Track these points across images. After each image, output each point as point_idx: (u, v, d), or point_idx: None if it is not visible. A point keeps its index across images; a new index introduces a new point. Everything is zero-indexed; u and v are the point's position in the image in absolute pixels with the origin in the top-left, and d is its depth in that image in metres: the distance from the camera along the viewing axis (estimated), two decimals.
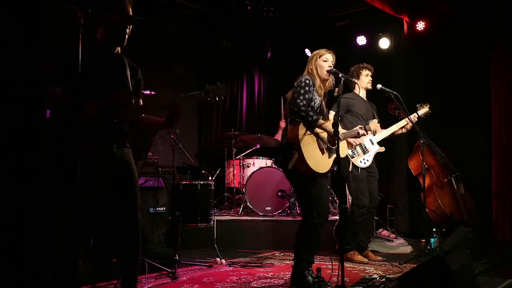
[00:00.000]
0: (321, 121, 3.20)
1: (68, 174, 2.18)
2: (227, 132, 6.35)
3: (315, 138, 3.22)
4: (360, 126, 3.62)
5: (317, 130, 3.23)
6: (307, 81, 3.22)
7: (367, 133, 3.65)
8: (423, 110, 4.47)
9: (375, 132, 4.41)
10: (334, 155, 3.26)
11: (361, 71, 4.50)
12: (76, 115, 2.12)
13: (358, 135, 3.56)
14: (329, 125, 3.21)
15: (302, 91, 3.19)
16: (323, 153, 3.23)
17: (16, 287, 2.81)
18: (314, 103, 3.24)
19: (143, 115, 2.59)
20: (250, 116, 8.01)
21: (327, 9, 6.84)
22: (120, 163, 2.42)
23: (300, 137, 3.15)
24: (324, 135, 3.25)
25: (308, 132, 3.20)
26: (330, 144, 3.27)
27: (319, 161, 3.20)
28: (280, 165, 3.36)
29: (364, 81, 4.49)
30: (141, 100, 2.62)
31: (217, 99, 2.46)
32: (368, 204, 4.33)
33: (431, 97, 5.63)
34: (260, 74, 8.20)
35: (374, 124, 4.37)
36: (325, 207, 3.26)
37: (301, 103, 3.15)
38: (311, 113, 3.15)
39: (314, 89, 3.25)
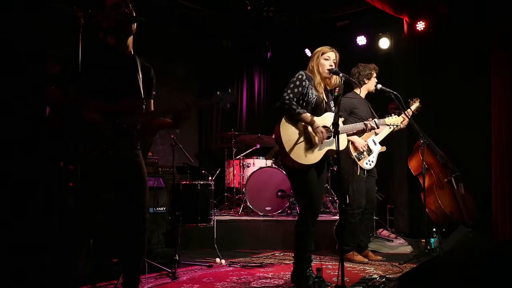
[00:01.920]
0: (305, 115, 3.17)
1: (72, 176, 2.19)
2: (227, 132, 6.36)
3: (302, 130, 3.21)
4: (369, 119, 3.57)
5: (303, 124, 3.21)
6: (300, 76, 3.25)
7: (377, 127, 3.51)
8: (415, 105, 4.47)
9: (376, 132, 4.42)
10: (328, 147, 3.24)
11: (372, 73, 4.44)
12: (76, 118, 2.12)
13: (366, 129, 3.44)
14: (314, 119, 3.18)
15: (291, 85, 3.22)
16: (311, 145, 3.20)
17: (17, 286, 2.81)
18: (308, 98, 3.24)
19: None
20: (250, 116, 8.01)
21: (327, 9, 6.84)
22: (130, 165, 2.45)
23: (282, 131, 3.17)
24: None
25: (293, 127, 3.20)
26: (315, 140, 3.23)
27: (306, 154, 3.18)
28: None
29: (373, 83, 4.44)
30: (152, 101, 2.64)
31: (227, 105, 2.49)
32: (364, 204, 4.32)
33: (431, 97, 5.65)
34: (260, 74, 8.20)
35: None
36: (315, 204, 3.23)
37: (286, 96, 3.18)
38: (294, 106, 3.15)
39: (311, 84, 3.26)
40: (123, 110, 2.38)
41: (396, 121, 3.73)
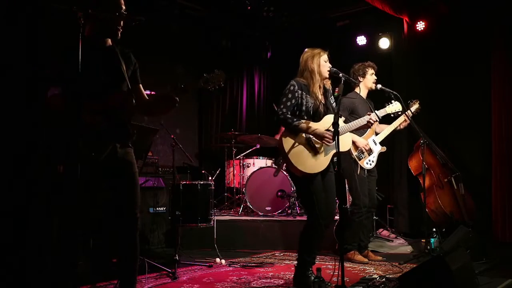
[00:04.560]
0: (303, 124, 3.16)
1: (69, 175, 2.19)
2: (227, 132, 6.35)
3: (304, 140, 3.21)
4: (368, 113, 3.61)
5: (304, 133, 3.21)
6: (291, 88, 3.23)
7: (379, 119, 3.62)
8: (414, 107, 4.46)
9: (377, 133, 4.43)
10: (333, 151, 3.23)
11: (367, 70, 4.45)
12: (76, 118, 2.10)
13: (368, 124, 3.45)
14: (313, 125, 3.18)
15: (284, 99, 3.22)
16: (316, 152, 3.20)
17: (17, 286, 2.81)
18: (305, 107, 3.22)
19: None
20: (250, 116, 8.00)
21: (327, 9, 6.83)
22: (122, 163, 2.42)
23: (284, 144, 3.17)
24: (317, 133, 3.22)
25: (295, 136, 3.19)
26: (325, 144, 3.23)
27: (312, 162, 3.18)
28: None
29: (369, 80, 4.44)
30: (141, 85, 2.60)
31: (217, 87, 2.47)
32: (368, 203, 4.32)
33: (431, 97, 5.65)
34: (260, 74, 8.20)
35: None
36: (322, 209, 3.19)
37: (280, 112, 3.19)
38: (289, 120, 3.15)
39: (304, 92, 3.24)
40: (113, 106, 2.35)
41: (396, 108, 3.88)
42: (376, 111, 3.69)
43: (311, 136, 3.19)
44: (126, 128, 2.45)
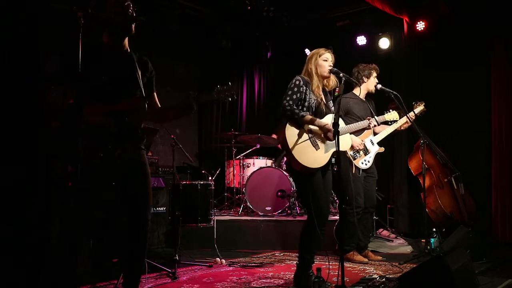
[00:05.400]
0: (308, 116, 3.17)
1: (71, 175, 2.19)
2: (227, 132, 6.36)
3: (306, 135, 3.21)
4: (368, 117, 3.68)
5: (308, 126, 3.21)
6: (297, 82, 3.25)
7: (378, 124, 3.75)
8: (419, 108, 4.45)
9: (375, 133, 4.42)
10: (333, 149, 3.25)
11: (372, 72, 4.44)
12: (76, 118, 2.11)
13: (369, 126, 3.57)
14: (319, 119, 3.20)
15: (289, 92, 3.22)
16: (317, 148, 3.21)
17: (17, 286, 2.81)
18: (308, 103, 3.24)
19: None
20: (250, 116, 8.01)
21: (327, 9, 6.84)
22: (133, 164, 2.43)
23: (287, 137, 3.17)
24: (318, 130, 3.23)
25: (297, 130, 3.20)
26: (327, 138, 3.26)
27: (312, 157, 3.18)
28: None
29: (372, 82, 4.41)
30: (155, 93, 2.62)
31: (230, 99, 2.48)
32: (363, 204, 4.32)
33: (431, 97, 5.63)
34: (260, 74, 8.20)
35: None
36: (323, 207, 3.21)
37: (286, 103, 3.18)
38: (296, 111, 3.15)
39: (308, 88, 3.25)
40: (125, 110, 2.37)
41: (393, 117, 4.02)
42: (375, 117, 3.75)
43: (316, 128, 3.19)
44: (136, 131, 2.47)
